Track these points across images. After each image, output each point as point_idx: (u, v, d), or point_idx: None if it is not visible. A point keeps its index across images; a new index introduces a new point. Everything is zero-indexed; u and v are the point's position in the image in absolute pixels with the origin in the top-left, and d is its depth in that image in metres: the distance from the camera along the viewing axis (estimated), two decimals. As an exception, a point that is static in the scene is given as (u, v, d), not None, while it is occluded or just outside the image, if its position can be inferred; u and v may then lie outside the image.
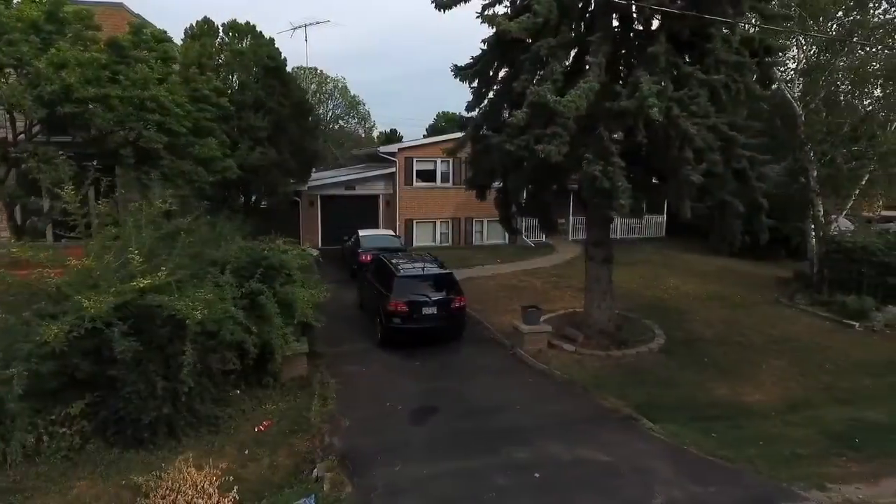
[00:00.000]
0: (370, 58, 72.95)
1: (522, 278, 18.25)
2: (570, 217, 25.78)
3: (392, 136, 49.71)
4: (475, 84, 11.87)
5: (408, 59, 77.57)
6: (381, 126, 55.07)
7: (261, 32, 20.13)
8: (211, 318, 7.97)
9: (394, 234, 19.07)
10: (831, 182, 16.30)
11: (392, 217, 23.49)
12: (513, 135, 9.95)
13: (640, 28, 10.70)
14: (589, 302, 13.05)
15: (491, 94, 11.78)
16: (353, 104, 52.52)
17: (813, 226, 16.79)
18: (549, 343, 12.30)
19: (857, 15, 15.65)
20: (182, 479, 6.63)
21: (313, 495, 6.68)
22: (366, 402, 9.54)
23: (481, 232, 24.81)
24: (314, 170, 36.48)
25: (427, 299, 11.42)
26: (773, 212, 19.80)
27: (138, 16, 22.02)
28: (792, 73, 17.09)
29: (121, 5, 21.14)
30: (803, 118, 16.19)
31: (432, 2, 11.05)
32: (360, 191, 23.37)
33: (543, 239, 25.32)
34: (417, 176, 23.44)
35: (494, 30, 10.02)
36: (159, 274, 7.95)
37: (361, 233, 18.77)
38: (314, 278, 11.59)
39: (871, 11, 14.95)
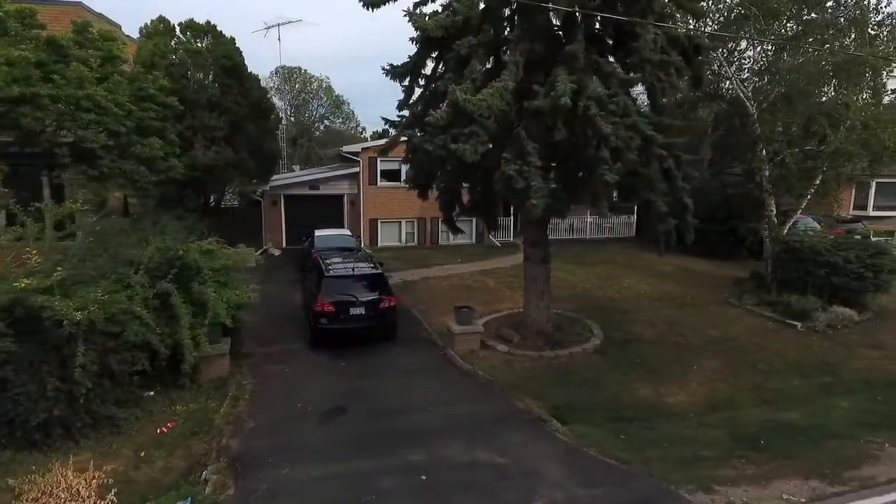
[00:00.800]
0: (365, 59, 72.99)
1: (478, 278, 18.18)
2: (539, 217, 25.69)
3: (385, 136, 49.62)
4: (406, 83, 11.80)
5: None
6: (376, 126, 54.81)
7: (221, 32, 20.06)
8: (105, 318, 7.89)
9: (350, 234, 19.00)
10: (784, 182, 16.24)
11: (357, 217, 23.43)
12: (433, 134, 9.89)
13: (557, 26, 10.61)
14: (527, 302, 12.99)
15: (419, 94, 11.71)
16: (338, 104, 52.53)
17: (766, 226, 16.73)
18: (483, 344, 12.25)
19: (808, 15, 15.60)
20: (56, 483, 6.56)
21: (189, 498, 6.62)
22: (278, 402, 9.48)
23: (447, 232, 24.63)
24: (297, 168, 36.51)
25: (355, 299, 11.35)
26: (733, 212, 20.02)
27: (100, 15, 21.97)
28: (748, 72, 17.10)
29: (79, 4, 21.06)
30: (756, 117, 16.14)
31: (359, 0, 10.98)
32: (324, 190, 23.29)
33: (511, 239, 25.30)
34: (382, 176, 23.36)
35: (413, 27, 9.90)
36: (55, 275, 7.89)
37: (317, 233, 18.70)
38: (242, 279, 11.47)
39: (822, 14, 14.85)
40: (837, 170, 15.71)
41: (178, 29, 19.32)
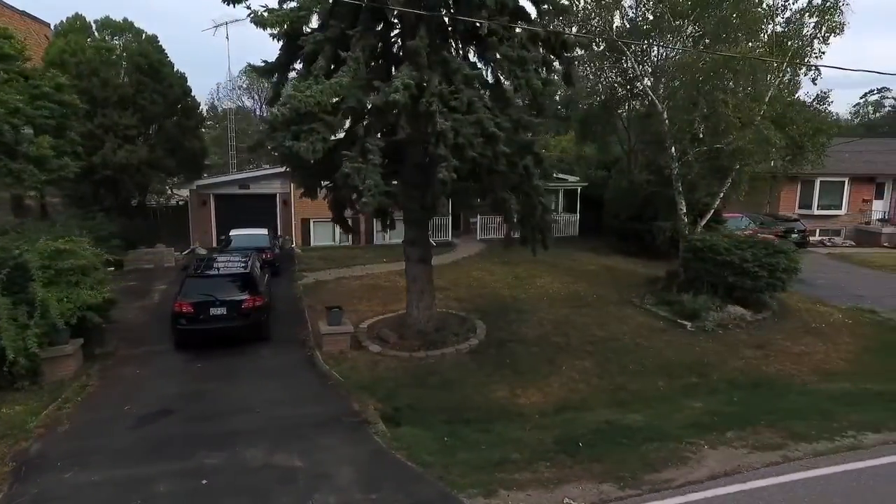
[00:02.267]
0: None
1: (392, 278, 17.98)
2: (478, 216, 25.57)
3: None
4: (274, 80, 11.63)
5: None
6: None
7: (141, 30, 19.90)
8: None
9: (266, 233, 18.77)
10: (688, 181, 16.11)
11: (289, 217, 23.24)
12: (274, 131, 9.73)
13: (396, 21, 10.44)
14: (408, 302, 12.85)
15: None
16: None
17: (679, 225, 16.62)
18: (358, 344, 12.12)
19: (713, 13, 15.46)
20: None
21: (-54, 503, 6.44)
22: (108, 406, 9.29)
23: (385, 231, 24.50)
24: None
25: (215, 300, 11.17)
26: (653, 211, 19.88)
27: (23, 12, 21.74)
28: (657, 71, 16.99)
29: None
30: (665, 115, 16.01)
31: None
32: (255, 190, 23.07)
33: (450, 238, 25.13)
34: (314, 175, 23.13)
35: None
36: None
37: (233, 233, 18.52)
38: (103, 278, 11.27)
39: (716, 12, 14.71)
40: (743, 168, 15.51)
41: (94, 27, 19.14)
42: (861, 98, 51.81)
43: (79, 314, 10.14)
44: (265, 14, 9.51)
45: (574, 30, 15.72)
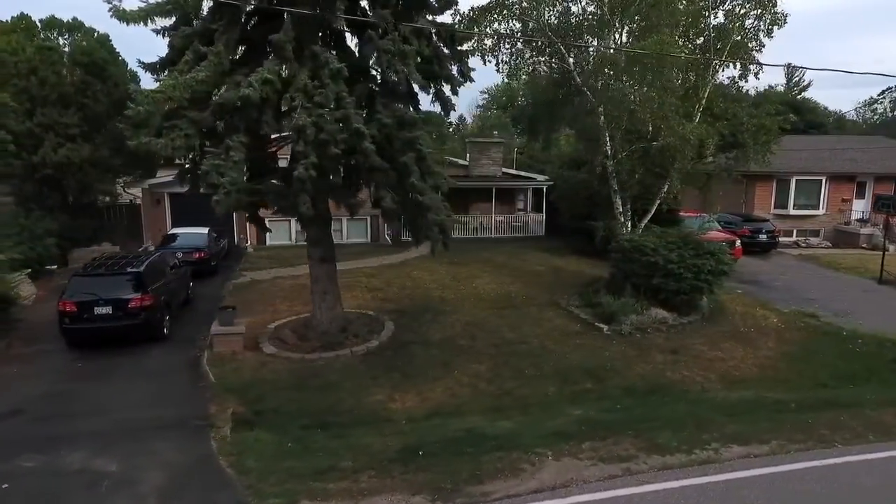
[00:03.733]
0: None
1: (329, 278, 17.76)
2: (439, 215, 25.20)
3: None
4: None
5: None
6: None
7: (92, 29, 19.94)
8: None
9: (207, 232, 18.66)
10: (621, 180, 15.59)
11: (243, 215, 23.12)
12: (140, 128, 9.55)
13: (254, 15, 10.16)
14: (313, 303, 12.59)
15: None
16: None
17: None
18: (255, 345, 11.89)
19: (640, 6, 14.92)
20: None
21: None
22: (-36, 404, 9.21)
23: (341, 231, 24.35)
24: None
25: (98, 299, 11.03)
26: (593, 211, 19.30)
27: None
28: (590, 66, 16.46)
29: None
30: (601, 111, 15.51)
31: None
32: (210, 188, 23.00)
33: (408, 237, 24.81)
34: (269, 173, 23.02)
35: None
36: None
37: (174, 231, 18.49)
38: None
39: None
40: (673, 166, 14.93)
41: (39, 26, 19.23)
42: (879, 95, 49.67)
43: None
44: (129, 11, 9.33)
45: (500, 26, 15.29)
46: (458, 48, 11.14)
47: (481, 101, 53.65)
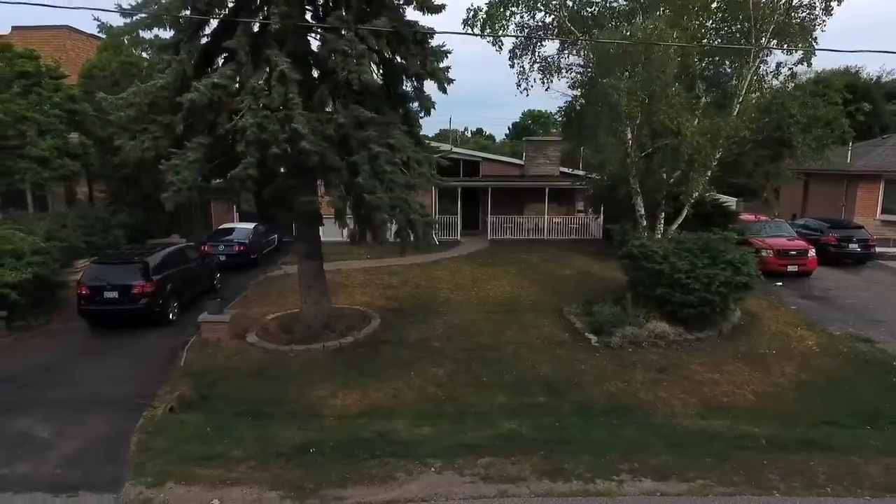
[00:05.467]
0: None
1: (352, 274, 18.29)
2: (489, 216, 24.89)
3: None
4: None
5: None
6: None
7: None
8: None
9: (252, 228, 20.13)
10: (642, 178, 14.31)
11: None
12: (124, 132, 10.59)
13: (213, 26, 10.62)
14: (300, 297, 13.09)
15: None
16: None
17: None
18: (243, 334, 12.62)
19: None
20: None
21: None
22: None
23: (390, 229, 24.84)
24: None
25: (107, 284, 12.40)
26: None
27: (93, 35, 25.44)
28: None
29: (66, 26, 24.60)
30: (624, 106, 14.40)
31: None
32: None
33: (458, 237, 24.78)
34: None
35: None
36: None
37: (229, 225, 20.38)
38: (34, 261, 12.99)
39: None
40: (691, 167, 13.38)
41: (126, 42, 21.90)
42: None
43: (-3, 290, 11.95)
44: (111, 26, 10.36)
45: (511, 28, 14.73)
46: (425, 46, 10.95)
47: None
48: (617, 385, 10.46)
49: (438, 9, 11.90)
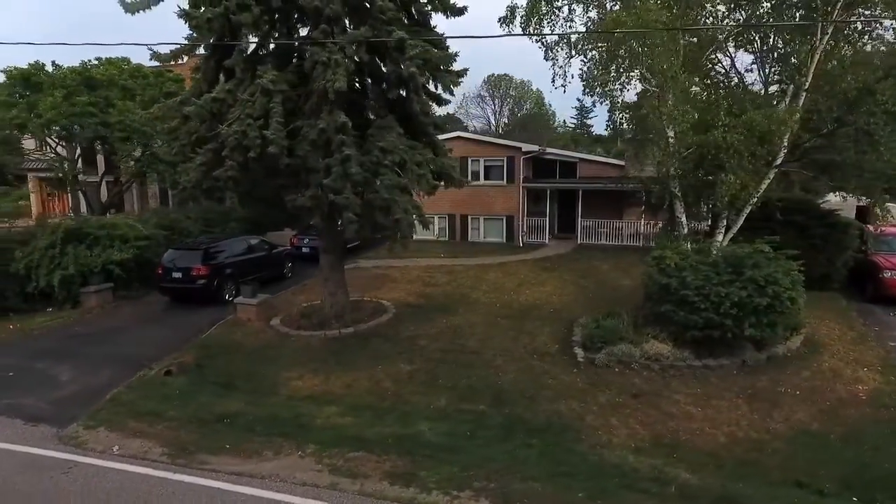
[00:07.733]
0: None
1: (419, 271, 18.98)
2: (579, 219, 23.67)
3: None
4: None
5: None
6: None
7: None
8: None
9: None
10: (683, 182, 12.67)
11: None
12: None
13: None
14: (321, 289, 14.34)
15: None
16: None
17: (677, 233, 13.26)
18: (270, 316, 14.27)
19: None
20: None
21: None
22: (79, 324, 13.98)
23: (478, 229, 25.14)
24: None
25: (174, 266, 15.00)
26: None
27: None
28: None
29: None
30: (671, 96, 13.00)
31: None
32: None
33: (546, 240, 24.06)
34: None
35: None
36: None
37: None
38: (138, 245, 16.22)
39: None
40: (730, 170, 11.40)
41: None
42: None
43: (105, 266, 15.28)
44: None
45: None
46: (403, 54, 11.25)
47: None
48: (571, 405, 9.66)
49: (461, 11, 12.20)
